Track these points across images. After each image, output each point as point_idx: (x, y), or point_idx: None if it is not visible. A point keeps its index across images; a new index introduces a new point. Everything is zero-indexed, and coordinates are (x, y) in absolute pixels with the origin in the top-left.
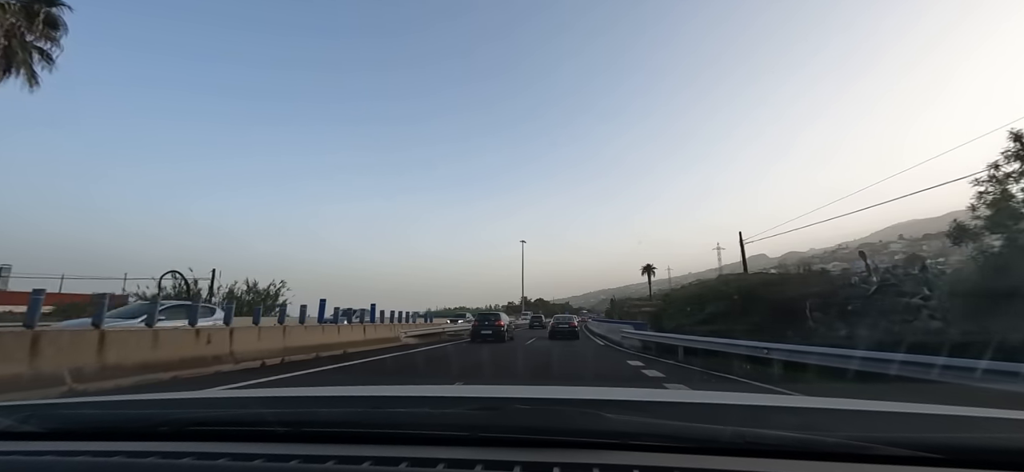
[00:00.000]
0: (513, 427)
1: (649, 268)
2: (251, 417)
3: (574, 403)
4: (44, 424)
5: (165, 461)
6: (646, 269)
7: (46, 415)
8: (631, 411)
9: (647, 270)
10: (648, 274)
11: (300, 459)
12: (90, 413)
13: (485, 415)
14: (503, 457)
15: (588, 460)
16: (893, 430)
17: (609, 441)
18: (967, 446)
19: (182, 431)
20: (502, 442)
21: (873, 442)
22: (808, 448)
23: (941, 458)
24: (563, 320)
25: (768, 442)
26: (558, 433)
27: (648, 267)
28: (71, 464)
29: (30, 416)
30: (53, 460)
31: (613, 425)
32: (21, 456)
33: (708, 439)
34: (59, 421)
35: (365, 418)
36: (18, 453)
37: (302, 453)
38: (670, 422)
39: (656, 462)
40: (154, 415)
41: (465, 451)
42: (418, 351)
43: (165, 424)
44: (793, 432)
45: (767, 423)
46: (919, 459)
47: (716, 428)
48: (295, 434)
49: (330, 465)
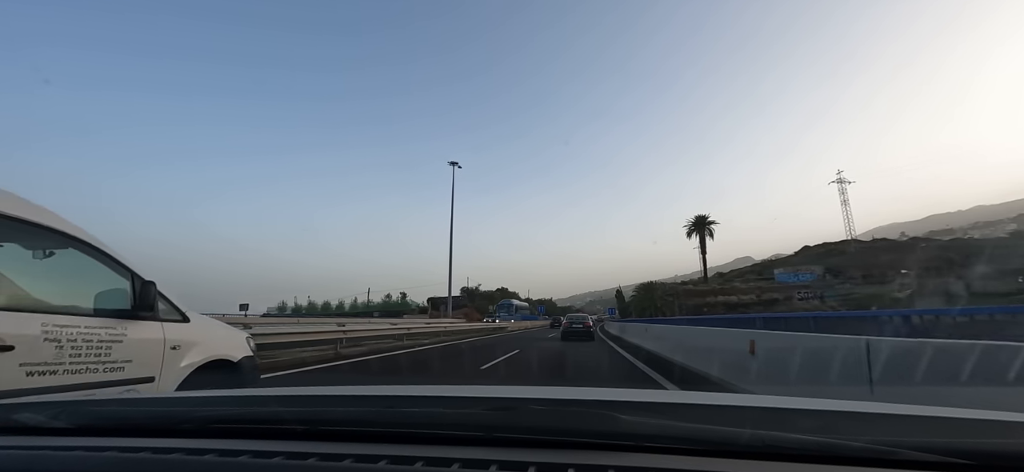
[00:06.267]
0: (528, 427)
1: (704, 225)
2: (270, 415)
3: (589, 404)
4: (73, 420)
5: (189, 457)
6: (698, 228)
7: (75, 411)
8: (647, 412)
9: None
10: (702, 243)
11: (318, 457)
12: (117, 410)
13: (500, 415)
14: (518, 457)
15: (603, 462)
16: (921, 435)
17: (624, 443)
18: (1000, 452)
19: (205, 428)
20: (517, 442)
21: (899, 447)
22: (831, 452)
23: (972, 464)
24: (577, 320)
25: (788, 446)
26: (573, 434)
27: (703, 223)
28: (99, 459)
29: (60, 412)
30: (82, 455)
31: (628, 426)
32: (51, 451)
33: (726, 442)
34: (87, 417)
35: (381, 417)
36: (48, 448)
37: (319, 451)
38: (686, 424)
39: (672, 464)
40: (178, 413)
41: (480, 451)
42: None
43: (188, 421)
44: (815, 436)
45: (787, 426)
46: (949, 466)
47: (734, 431)
48: (313, 432)
49: (347, 463)
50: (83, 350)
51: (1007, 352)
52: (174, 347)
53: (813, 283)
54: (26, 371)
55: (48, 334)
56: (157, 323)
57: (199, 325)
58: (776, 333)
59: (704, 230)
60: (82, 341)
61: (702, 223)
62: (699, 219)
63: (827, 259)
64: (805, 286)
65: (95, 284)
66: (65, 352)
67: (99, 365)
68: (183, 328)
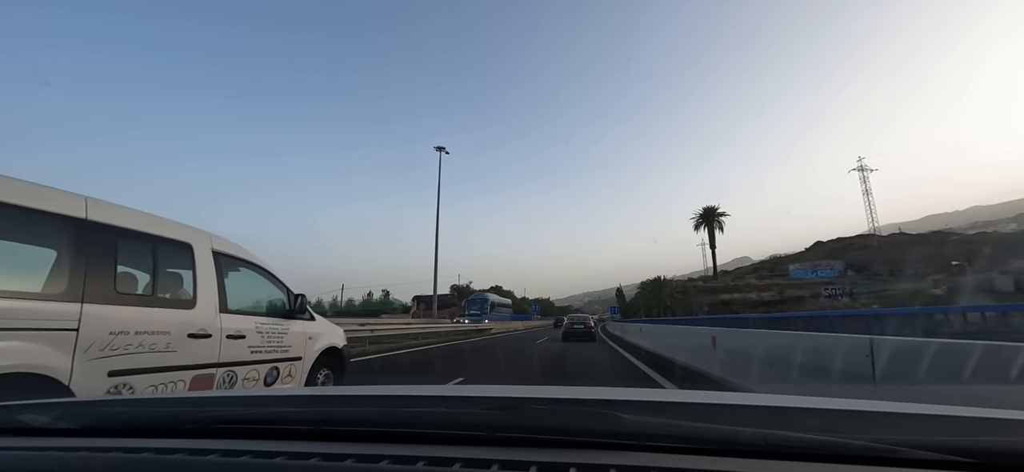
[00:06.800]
0: (530, 427)
1: (713, 217)
2: (273, 416)
3: (591, 403)
4: (78, 421)
5: (192, 458)
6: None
7: (80, 412)
8: (649, 412)
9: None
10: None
11: (320, 457)
12: (121, 411)
13: (502, 415)
14: (519, 457)
15: (605, 461)
16: (923, 433)
17: (626, 442)
18: (1002, 450)
19: (208, 428)
20: (518, 442)
21: (902, 445)
22: (833, 451)
23: (975, 462)
24: (578, 320)
25: (791, 444)
26: (575, 433)
27: (712, 215)
28: (104, 459)
29: (65, 413)
30: (87, 456)
31: (630, 426)
32: (56, 452)
33: (728, 440)
34: (92, 418)
35: (383, 417)
36: (54, 449)
37: (322, 451)
38: (689, 423)
39: (674, 463)
40: (182, 413)
41: (482, 450)
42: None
43: (192, 422)
44: (817, 435)
45: (790, 425)
46: (951, 464)
47: (736, 430)
48: (315, 432)
49: (349, 463)
50: (272, 338)
51: (1009, 351)
52: (310, 337)
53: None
54: (251, 351)
55: (258, 328)
56: (301, 321)
57: (321, 323)
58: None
59: (713, 222)
60: (270, 332)
61: (711, 215)
62: (708, 211)
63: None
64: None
65: (269, 296)
66: (264, 339)
67: (278, 349)
68: (313, 325)
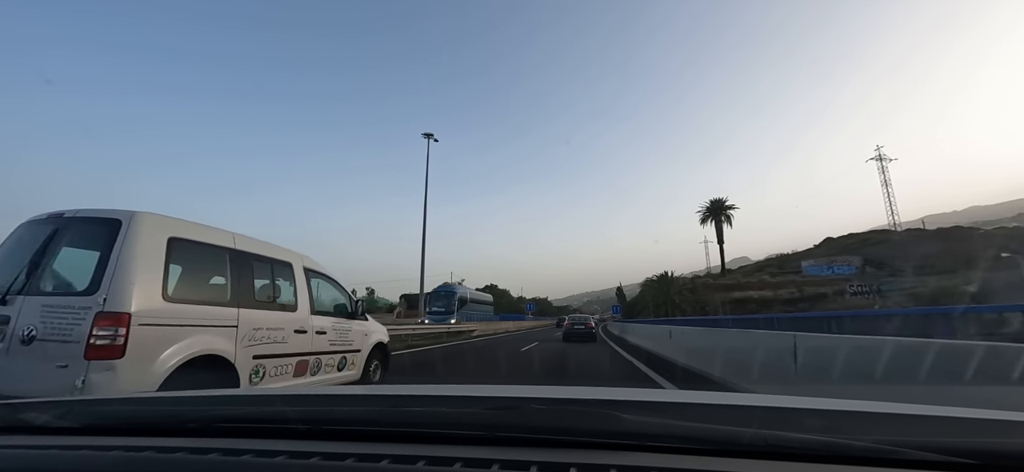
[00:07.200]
0: (530, 427)
1: (721, 210)
2: (274, 415)
3: (591, 403)
4: (80, 419)
5: (193, 456)
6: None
7: (82, 411)
8: (649, 412)
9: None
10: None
11: (321, 456)
12: (123, 409)
13: (502, 414)
14: (520, 457)
15: (605, 461)
16: (924, 434)
17: (627, 442)
18: (1004, 452)
19: (209, 427)
20: (519, 442)
21: (903, 446)
22: (834, 452)
23: (977, 464)
24: (579, 321)
25: (792, 445)
26: (575, 433)
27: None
28: (105, 458)
29: (67, 412)
30: (89, 454)
31: (631, 426)
32: (57, 450)
33: (728, 441)
34: (94, 417)
35: (383, 417)
36: (56, 447)
37: (322, 450)
38: (689, 423)
39: (675, 464)
40: (183, 412)
41: (482, 450)
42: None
43: (193, 420)
44: (818, 435)
45: (791, 426)
46: (953, 465)
47: (737, 430)
48: (316, 431)
49: (349, 462)
50: (342, 334)
51: (1011, 352)
52: (366, 334)
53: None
54: (330, 344)
55: (334, 326)
56: (360, 321)
57: (372, 323)
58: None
59: (721, 216)
60: (340, 329)
61: (719, 208)
62: (716, 204)
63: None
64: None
65: (339, 300)
66: (338, 335)
67: (346, 343)
68: (367, 324)
